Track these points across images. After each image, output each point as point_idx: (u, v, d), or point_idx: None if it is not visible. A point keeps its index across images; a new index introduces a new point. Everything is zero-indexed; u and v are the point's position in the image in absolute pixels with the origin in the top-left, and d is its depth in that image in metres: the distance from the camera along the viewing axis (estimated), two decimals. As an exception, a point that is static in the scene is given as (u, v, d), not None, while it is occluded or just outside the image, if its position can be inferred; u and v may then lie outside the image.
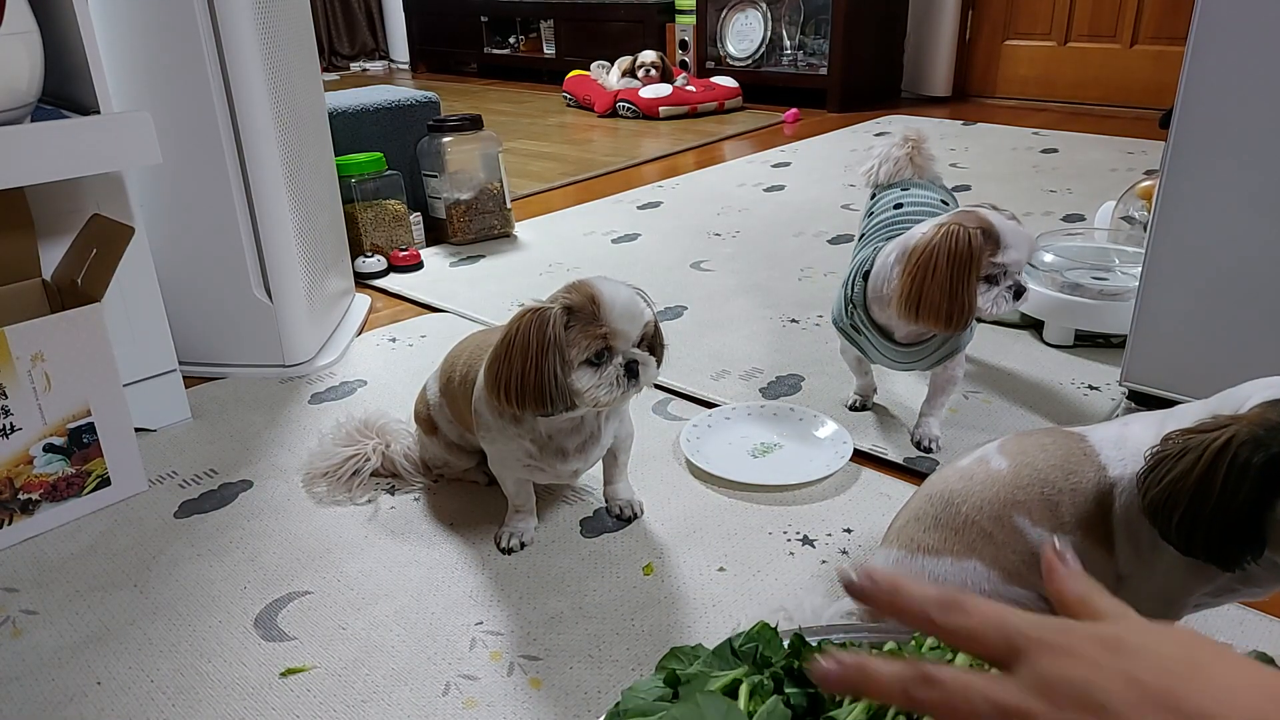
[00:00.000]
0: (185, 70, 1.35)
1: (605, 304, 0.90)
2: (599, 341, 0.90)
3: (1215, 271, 1.16)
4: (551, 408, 0.91)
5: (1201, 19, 1.08)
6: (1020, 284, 1.11)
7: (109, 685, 0.89)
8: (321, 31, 5.59)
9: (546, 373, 0.89)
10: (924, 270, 1.08)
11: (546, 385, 0.89)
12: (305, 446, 1.30)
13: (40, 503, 1.13)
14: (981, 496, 0.79)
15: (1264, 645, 0.89)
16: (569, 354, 0.90)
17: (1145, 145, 2.95)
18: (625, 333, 0.91)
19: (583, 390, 0.91)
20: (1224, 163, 1.11)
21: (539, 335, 0.89)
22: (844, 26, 3.73)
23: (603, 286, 0.92)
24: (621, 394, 0.92)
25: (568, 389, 0.90)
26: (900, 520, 0.85)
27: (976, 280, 1.08)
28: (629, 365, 0.92)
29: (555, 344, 0.89)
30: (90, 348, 1.13)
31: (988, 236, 1.08)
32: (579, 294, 0.92)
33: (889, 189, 1.36)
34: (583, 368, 0.91)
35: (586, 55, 4.54)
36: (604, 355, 0.91)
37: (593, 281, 0.93)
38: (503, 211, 2.26)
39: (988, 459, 0.81)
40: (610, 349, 0.91)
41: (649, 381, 0.94)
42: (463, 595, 1.00)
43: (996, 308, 1.10)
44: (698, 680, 0.52)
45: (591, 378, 0.91)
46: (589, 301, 0.90)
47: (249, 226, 1.45)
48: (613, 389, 0.91)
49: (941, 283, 1.07)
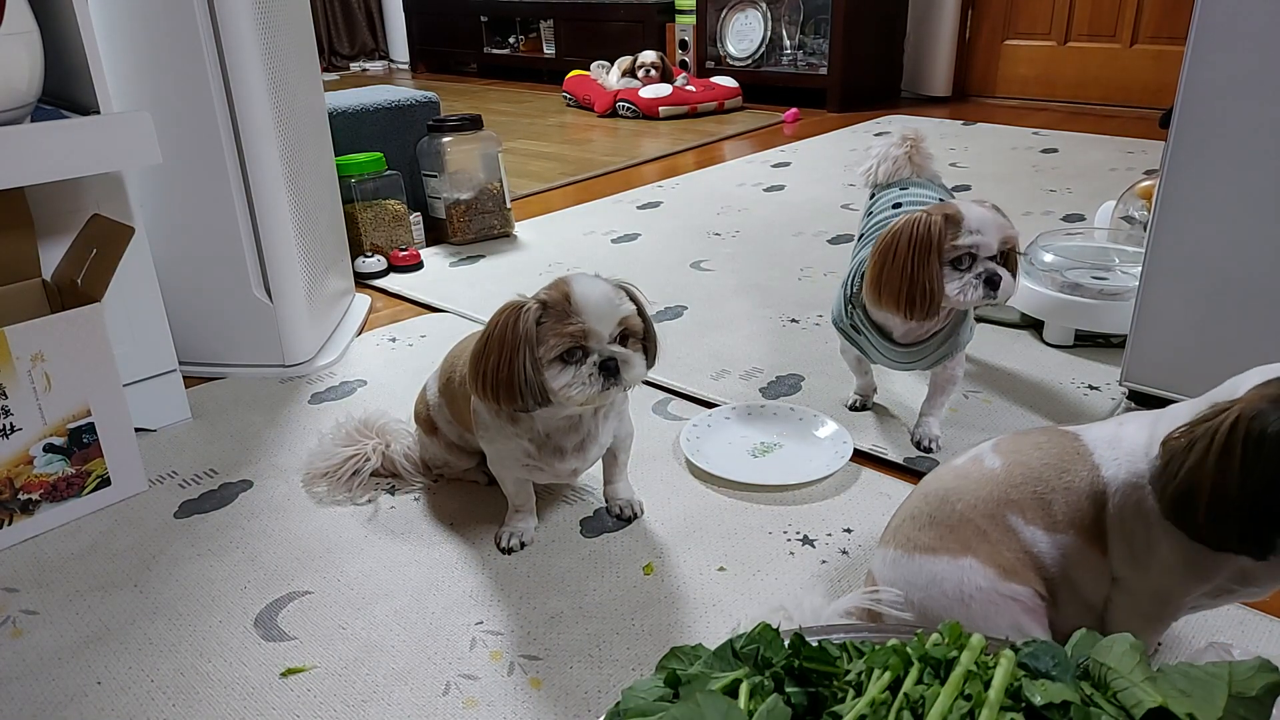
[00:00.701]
0: (185, 70, 1.35)
1: (578, 300, 0.90)
2: (568, 339, 0.90)
3: (1215, 271, 1.16)
4: (523, 403, 0.91)
5: (1201, 19, 1.08)
6: (992, 271, 1.09)
7: (109, 685, 0.89)
8: (321, 31, 5.59)
9: (518, 368, 0.89)
10: (885, 254, 1.09)
11: (518, 380, 0.89)
12: (305, 446, 1.30)
13: (40, 503, 1.13)
14: (976, 495, 0.79)
15: (1264, 645, 0.89)
16: (539, 351, 0.89)
17: (1145, 145, 2.95)
18: (597, 331, 0.90)
19: (557, 388, 0.90)
20: (1224, 163, 1.11)
21: (513, 330, 0.90)
22: (844, 26, 3.73)
23: (578, 283, 0.92)
24: (599, 392, 0.91)
25: (539, 385, 0.90)
26: (897, 519, 0.85)
27: (939, 264, 1.08)
28: (605, 363, 0.91)
29: (527, 340, 0.89)
30: (90, 348, 1.13)
31: (949, 221, 1.08)
32: (556, 290, 0.92)
33: (888, 188, 1.37)
34: (556, 365, 0.90)
35: (586, 55, 4.54)
36: (577, 353, 0.91)
37: (571, 278, 0.93)
38: (503, 211, 2.26)
39: (982, 458, 0.82)
40: (584, 347, 0.91)
41: (633, 380, 0.93)
42: (463, 595, 1.00)
43: (965, 295, 1.09)
44: (698, 681, 0.52)
45: (566, 375, 0.90)
46: (564, 298, 0.90)
47: (249, 226, 1.45)
48: (587, 387, 0.90)
49: (902, 266, 1.07)
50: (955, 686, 0.47)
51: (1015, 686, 0.47)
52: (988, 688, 0.47)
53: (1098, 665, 0.49)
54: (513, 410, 0.94)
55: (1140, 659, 0.48)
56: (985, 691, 0.47)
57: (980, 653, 0.49)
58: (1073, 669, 0.49)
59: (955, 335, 1.20)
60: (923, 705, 0.47)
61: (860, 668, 0.51)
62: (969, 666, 0.48)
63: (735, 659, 0.55)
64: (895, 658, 0.50)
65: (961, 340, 1.21)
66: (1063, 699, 0.46)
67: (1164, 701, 0.45)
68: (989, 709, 0.45)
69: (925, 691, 0.47)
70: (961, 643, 0.50)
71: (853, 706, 0.48)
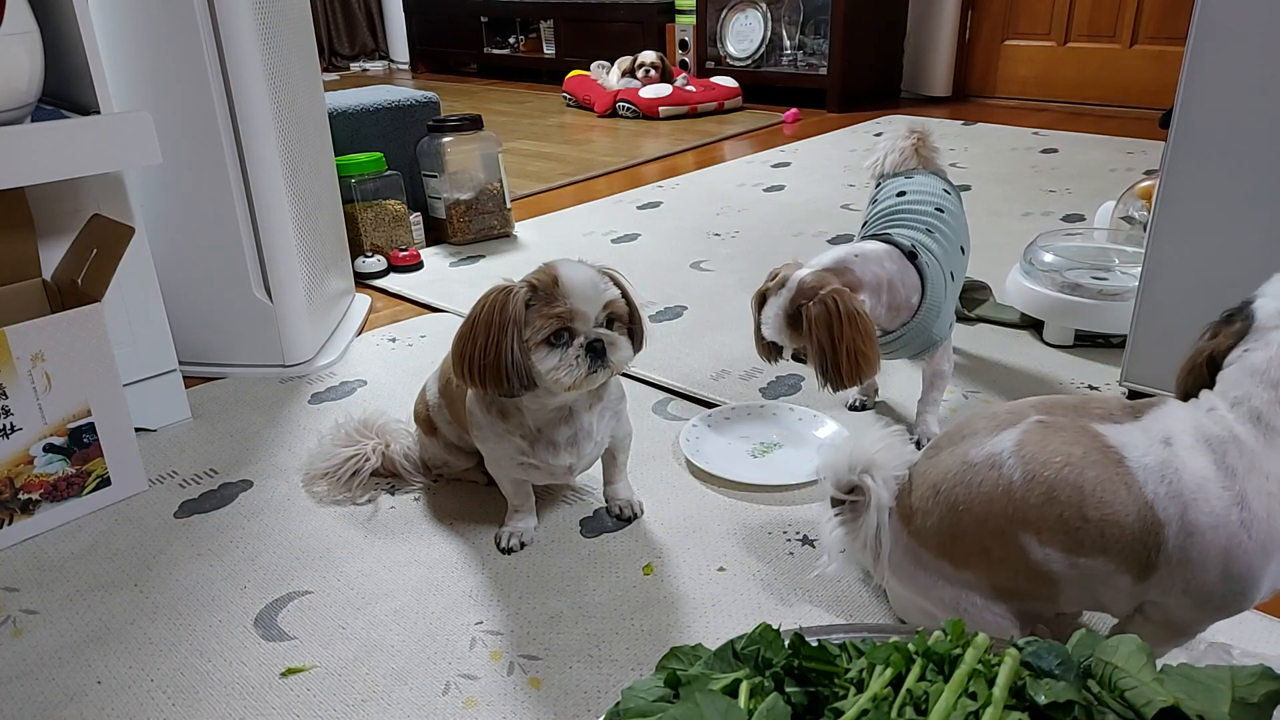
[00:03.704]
0: (185, 70, 1.35)
1: (564, 283, 0.90)
2: (554, 321, 0.90)
3: (1215, 271, 1.16)
4: (509, 386, 0.91)
5: (1201, 19, 1.08)
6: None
7: (109, 685, 0.89)
8: (321, 31, 5.58)
9: (504, 351, 0.89)
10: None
11: (504, 363, 0.89)
12: (305, 446, 1.30)
13: (40, 503, 1.13)
14: (986, 510, 0.74)
15: (1264, 645, 0.89)
16: (526, 333, 0.90)
17: (1145, 145, 2.95)
18: (584, 313, 0.91)
19: (544, 371, 0.90)
20: (1224, 163, 1.11)
21: (500, 313, 0.90)
22: (844, 26, 3.73)
23: (564, 267, 0.92)
24: (586, 375, 0.91)
25: (525, 368, 0.90)
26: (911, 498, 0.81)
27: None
28: (592, 345, 0.91)
29: (515, 322, 0.89)
30: (90, 348, 1.13)
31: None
32: (544, 274, 0.92)
33: (893, 178, 1.37)
34: (543, 348, 0.90)
35: (586, 55, 4.54)
36: (563, 336, 0.91)
37: (558, 263, 0.93)
38: (503, 211, 2.26)
39: (1000, 462, 0.75)
40: (570, 330, 0.91)
41: (621, 363, 0.93)
42: (462, 595, 1.00)
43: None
44: (698, 681, 0.52)
45: (553, 358, 0.90)
46: (551, 282, 0.91)
47: (249, 226, 1.45)
48: (574, 369, 0.90)
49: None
50: (959, 684, 0.47)
51: (1019, 685, 0.47)
52: (991, 686, 0.47)
53: (1103, 665, 0.49)
54: (498, 395, 0.94)
55: (1148, 659, 0.48)
56: (989, 690, 0.47)
57: (985, 651, 0.49)
58: (1076, 668, 0.49)
59: (926, 330, 1.20)
60: (925, 702, 0.47)
61: (861, 665, 0.51)
62: (973, 665, 0.48)
63: (735, 659, 0.55)
64: (897, 654, 0.50)
65: (935, 334, 1.21)
66: (1067, 698, 0.46)
67: (1176, 701, 0.45)
68: (994, 707, 0.45)
69: (928, 688, 0.47)
70: (965, 640, 0.50)
71: (854, 702, 0.48)
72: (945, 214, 1.28)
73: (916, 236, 1.22)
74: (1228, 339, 0.75)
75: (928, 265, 1.18)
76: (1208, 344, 0.76)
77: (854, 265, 1.13)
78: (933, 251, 1.21)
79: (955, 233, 1.27)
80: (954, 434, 0.82)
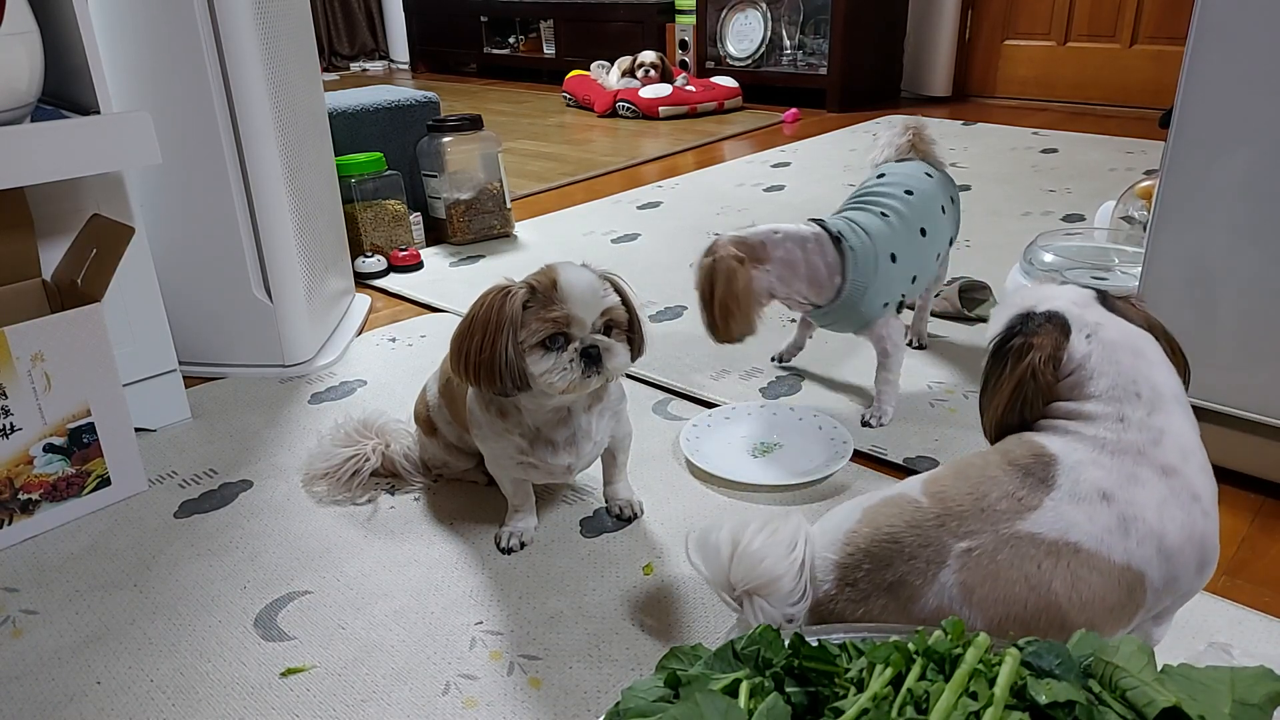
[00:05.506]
0: (185, 70, 1.35)
1: (563, 287, 0.90)
2: (550, 325, 0.90)
3: (1214, 271, 1.16)
4: (502, 385, 0.91)
5: (1201, 19, 1.08)
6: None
7: (109, 685, 0.89)
8: (321, 31, 5.58)
9: (499, 350, 0.89)
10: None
11: (498, 363, 0.89)
12: (305, 446, 1.30)
13: (40, 503, 1.13)
14: (911, 610, 0.64)
15: (1264, 645, 0.89)
16: (521, 335, 0.90)
17: (1145, 145, 2.95)
18: (580, 318, 0.91)
19: (538, 374, 0.90)
20: (1224, 163, 1.11)
21: (497, 313, 0.90)
22: (844, 26, 3.73)
23: (565, 271, 0.92)
24: (580, 380, 0.91)
25: (519, 370, 0.90)
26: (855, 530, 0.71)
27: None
28: (587, 351, 0.91)
29: (511, 323, 0.89)
30: (90, 348, 1.13)
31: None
32: (544, 276, 0.92)
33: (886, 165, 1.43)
34: (538, 350, 0.90)
35: (586, 55, 4.54)
36: (559, 340, 0.91)
37: (559, 266, 0.93)
38: (503, 211, 2.26)
39: (944, 560, 0.64)
40: (565, 335, 0.91)
41: (617, 370, 0.93)
42: (462, 595, 1.00)
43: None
44: (698, 681, 0.52)
45: (546, 362, 0.90)
46: (550, 285, 0.91)
47: (249, 226, 1.45)
48: (567, 374, 0.90)
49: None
50: (960, 683, 0.47)
51: (1020, 685, 0.47)
52: (992, 686, 0.47)
53: (1104, 665, 0.49)
54: (493, 393, 0.94)
55: (1149, 660, 0.48)
56: (990, 690, 0.47)
57: (985, 651, 0.49)
58: (1077, 668, 0.49)
59: (854, 308, 1.24)
60: (926, 701, 0.47)
61: (862, 664, 0.51)
62: (974, 664, 0.48)
63: (735, 659, 0.55)
64: (897, 654, 0.50)
65: (865, 313, 1.25)
66: (1068, 698, 0.46)
67: (1178, 701, 0.45)
68: (995, 707, 0.45)
69: (929, 688, 0.47)
70: (966, 640, 0.50)
71: (855, 702, 0.48)
72: (913, 195, 1.31)
73: (861, 219, 1.26)
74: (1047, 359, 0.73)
75: (853, 249, 1.22)
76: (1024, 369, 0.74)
77: (768, 241, 1.21)
78: (870, 234, 1.24)
79: (918, 215, 1.30)
80: (873, 572, 0.68)
